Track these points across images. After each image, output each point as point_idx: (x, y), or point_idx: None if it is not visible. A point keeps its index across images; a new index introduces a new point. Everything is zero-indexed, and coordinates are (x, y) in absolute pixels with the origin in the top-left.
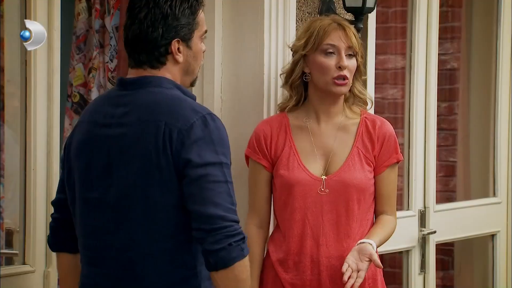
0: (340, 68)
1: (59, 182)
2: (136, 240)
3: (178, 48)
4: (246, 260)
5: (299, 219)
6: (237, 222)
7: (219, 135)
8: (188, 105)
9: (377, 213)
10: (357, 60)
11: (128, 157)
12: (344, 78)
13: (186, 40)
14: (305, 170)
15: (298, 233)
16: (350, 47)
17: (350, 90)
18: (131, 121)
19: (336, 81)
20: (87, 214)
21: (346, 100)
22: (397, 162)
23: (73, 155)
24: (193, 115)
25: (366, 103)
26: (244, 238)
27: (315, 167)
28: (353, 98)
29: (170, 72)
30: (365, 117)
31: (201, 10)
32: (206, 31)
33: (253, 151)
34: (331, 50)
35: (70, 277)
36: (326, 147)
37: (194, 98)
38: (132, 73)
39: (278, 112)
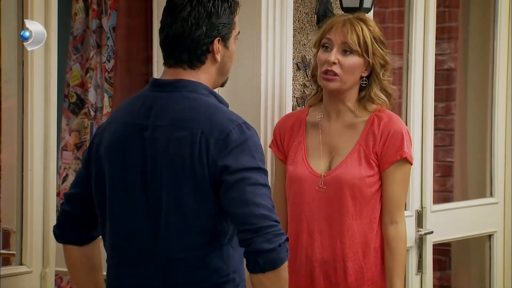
0: (328, 63)
1: (76, 177)
2: (169, 246)
3: (218, 48)
4: (287, 262)
5: (297, 214)
6: (279, 223)
7: (255, 142)
8: (223, 113)
9: (381, 222)
10: (367, 60)
11: (163, 162)
12: (334, 73)
13: (225, 39)
14: (307, 166)
15: (295, 228)
16: (344, 43)
17: (366, 91)
18: (163, 125)
19: (323, 75)
20: (120, 215)
21: (359, 100)
22: (404, 160)
23: (104, 156)
24: (229, 124)
25: (385, 104)
26: (287, 239)
27: (318, 164)
28: (369, 99)
29: (207, 72)
30: (375, 114)
31: (238, 10)
32: (239, 33)
33: (273, 143)
34: (327, 45)
35: (78, 268)
36: (331, 144)
37: (227, 105)
38: (168, 73)
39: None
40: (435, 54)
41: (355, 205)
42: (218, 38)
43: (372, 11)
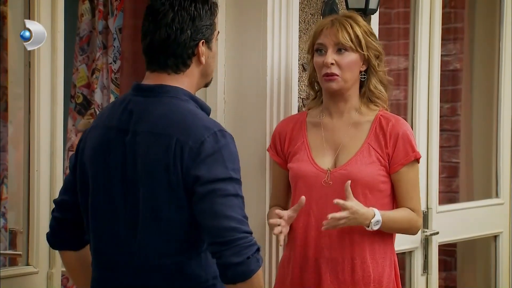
0: (326, 65)
1: (64, 184)
2: (146, 253)
3: (203, 50)
4: (261, 270)
5: (305, 210)
6: (251, 233)
7: (229, 151)
8: (200, 121)
9: None
10: (363, 54)
11: (140, 168)
12: (333, 74)
13: (209, 41)
14: (312, 163)
15: (303, 224)
16: (337, 43)
17: (366, 85)
18: (143, 131)
19: (324, 77)
20: (101, 220)
21: (362, 96)
22: (416, 160)
23: (88, 160)
24: (205, 132)
25: (383, 100)
26: (259, 248)
27: (324, 160)
28: (369, 93)
29: (191, 75)
30: (381, 115)
31: (217, 11)
32: (218, 32)
33: (270, 147)
34: (321, 48)
35: (78, 272)
36: (336, 141)
37: (209, 110)
38: (150, 78)
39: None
40: (441, 55)
41: (366, 203)
42: (202, 41)
43: (378, 12)
